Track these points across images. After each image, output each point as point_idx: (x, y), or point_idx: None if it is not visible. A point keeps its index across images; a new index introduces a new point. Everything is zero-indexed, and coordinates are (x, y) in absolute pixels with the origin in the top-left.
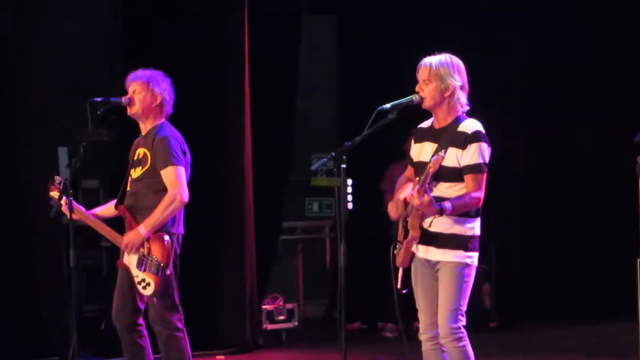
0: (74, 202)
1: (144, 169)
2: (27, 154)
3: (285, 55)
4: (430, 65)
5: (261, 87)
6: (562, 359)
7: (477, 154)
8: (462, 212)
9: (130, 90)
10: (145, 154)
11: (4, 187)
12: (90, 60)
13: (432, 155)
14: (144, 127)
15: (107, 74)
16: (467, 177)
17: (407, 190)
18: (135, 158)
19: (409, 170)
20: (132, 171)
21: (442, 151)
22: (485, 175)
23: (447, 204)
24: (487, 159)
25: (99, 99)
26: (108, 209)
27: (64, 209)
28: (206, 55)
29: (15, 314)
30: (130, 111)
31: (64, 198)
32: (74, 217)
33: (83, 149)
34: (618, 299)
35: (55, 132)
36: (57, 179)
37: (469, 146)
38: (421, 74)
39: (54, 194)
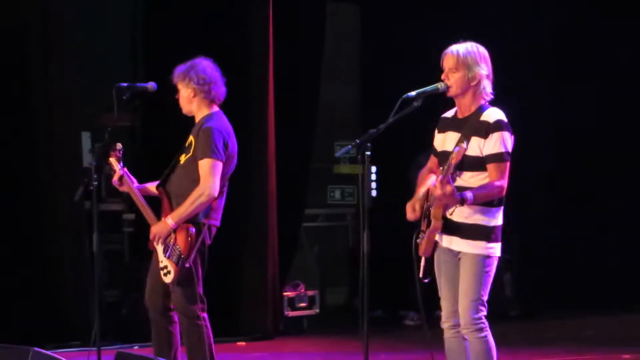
0: (127, 172)
1: (188, 156)
2: (50, 139)
3: (309, 43)
4: (458, 53)
5: (285, 75)
6: (582, 348)
7: (500, 143)
8: (484, 202)
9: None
10: (191, 141)
11: (28, 172)
12: (113, 46)
13: (455, 146)
14: (196, 117)
15: (129, 60)
16: (490, 166)
17: (429, 182)
18: (186, 145)
19: (432, 161)
20: (181, 156)
21: (465, 142)
22: (508, 164)
23: (469, 194)
24: (509, 148)
25: (125, 84)
26: (152, 187)
27: (116, 178)
28: (228, 40)
29: (37, 298)
30: (182, 110)
31: (118, 165)
32: (123, 189)
33: (107, 134)
34: None
35: (79, 117)
36: (119, 146)
37: (491, 135)
38: (447, 62)
39: (113, 160)
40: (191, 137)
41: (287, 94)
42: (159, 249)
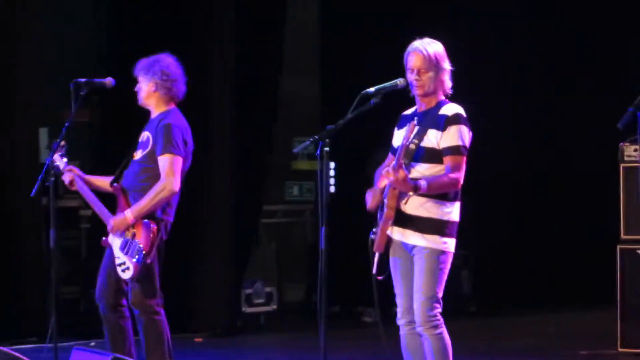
0: (77, 169)
1: (144, 152)
2: (8, 134)
3: (268, 34)
4: (427, 53)
5: (245, 67)
6: (541, 345)
7: (457, 136)
8: (439, 195)
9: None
10: (148, 137)
11: None
12: (75, 41)
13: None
14: (153, 112)
15: (88, 56)
16: (446, 159)
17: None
18: (140, 140)
19: (391, 159)
20: (134, 153)
21: (415, 119)
22: (464, 158)
23: (423, 182)
24: (467, 143)
25: (83, 80)
26: (101, 182)
27: (65, 176)
28: (187, 32)
29: None
30: (139, 102)
31: (63, 161)
32: (74, 188)
33: (65, 129)
34: (598, 286)
35: (37, 113)
36: (62, 143)
37: (448, 128)
38: (415, 62)
39: (57, 158)
40: (147, 133)
41: (246, 87)
42: (116, 244)
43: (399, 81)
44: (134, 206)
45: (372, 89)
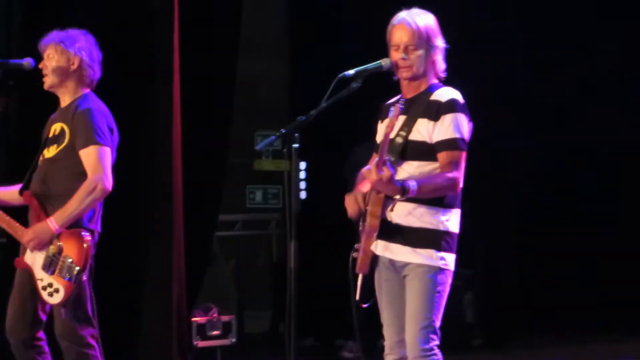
0: None
1: (60, 147)
2: None
3: (223, 7)
4: (416, 26)
5: (194, 48)
6: None
7: (453, 127)
8: (433, 200)
9: (44, 56)
10: (62, 129)
11: None
12: None
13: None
14: (63, 99)
15: (2, 33)
16: (441, 155)
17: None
18: (51, 135)
19: (375, 158)
20: (45, 151)
21: (400, 101)
22: (463, 153)
23: (412, 183)
24: (465, 135)
25: None
26: (10, 194)
27: None
28: (123, 8)
29: None
30: (46, 84)
31: None
32: None
33: None
34: (629, 315)
35: None
36: None
37: (442, 117)
38: (402, 37)
39: None
40: (61, 124)
41: (197, 72)
42: (37, 263)
43: (384, 62)
44: (59, 212)
45: (351, 71)
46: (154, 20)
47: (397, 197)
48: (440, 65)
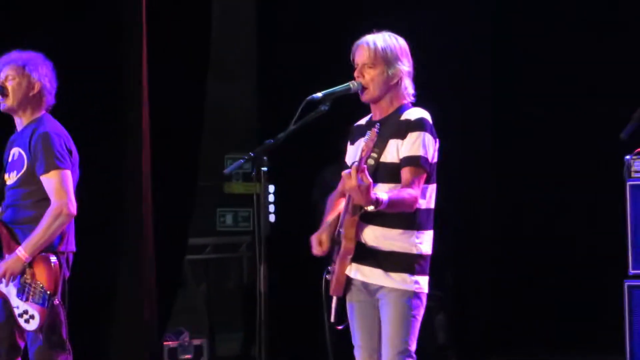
0: None
1: (20, 174)
2: None
3: (192, 29)
4: (375, 46)
5: (163, 71)
6: None
7: (418, 144)
8: (405, 221)
9: (1, 76)
10: (20, 154)
11: None
12: None
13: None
14: (20, 122)
15: None
16: (404, 170)
17: (340, 207)
18: (10, 160)
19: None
20: (5, 176)
21: (376, 125)
22: (424, 174)
23: (384, 195)
24: (430, 155)
25: None
26: None
27: None
28: (92, 31)
29: None
30: (4, 104)
31: None
32: None
33: None
34: (602, 330)
35: None
36: None
37: (409, 134)
38: (361, 57)
39: None
40: (17, 149)
41: (165, 95)
42: (12, 292)
43: (352, 84)
44: (26, 241)
45: (319, 94)
46: (122, 44)
47: (369, 208)
48: (407, 88)
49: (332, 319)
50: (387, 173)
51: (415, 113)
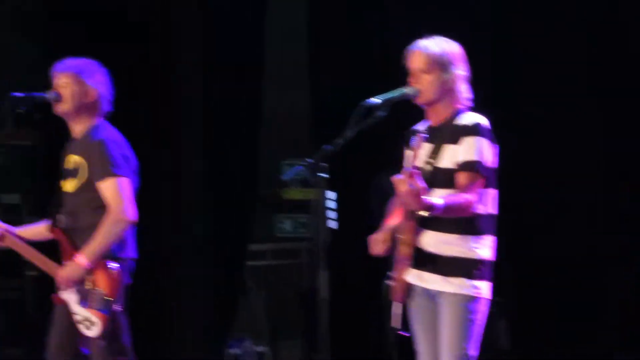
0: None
1: (78, 181)
2: None
3: (247, 40)
4: (430, 51)
5: (218, 79)
6: None
7: (474, 149)
8: (465, 226)
9: (57, 83)
10: (78, 162)
11: None
12: (7, 45)
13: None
14: (76, 129)
15: (24, 66)
16: (459, 176)
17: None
18: (67, 167)
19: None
20: (64, 183)
21: (423, 130)
22: (481, 179)
23: (438, 200)
24: (487, 160)
25: (20, 94)
26: (37, 229)
27: None
28: (146, 37)
29: None
30: (58, 109)
31: None
32: (5, 245)
33: (1, 155)
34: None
35: None
36: None
37: (464, 139)
38: (416, 62)
39: None
40: (76, 157)
41: (221, 102)
42: (72, 299)
43: (408, 89)
44: (87, 248)
45: (376, 99)
46: (179, 53)
47: (424, 213)
48: (463, 92)
49: (395, 325)
50: (444, 178)
51: (470, 118)
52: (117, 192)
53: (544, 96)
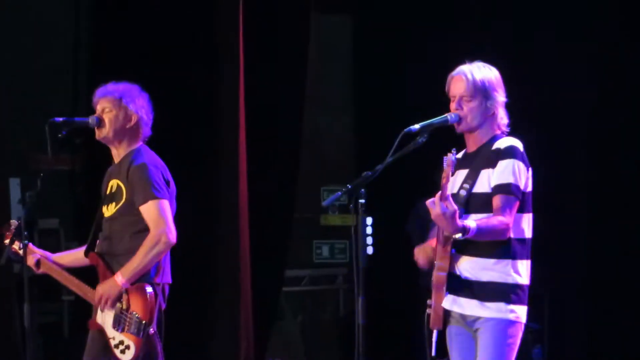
0: (32, 246)
1: (119, 205)
2: None
3: (288, 63)
4: (472, 77)
5: (260, 103)
6: None
7: (509, 172)
8: (500, 251)
9: (98, 108)
10: (119, 186)
11: None
12: (49, 75)
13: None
14: (117, 154)
15: (69, 91)
16: (495, 198)
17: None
18: (108, 192)
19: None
20: (104, 208)
21: (453, 151)
22: (516, 201)
23: (472, 223)
24: (522, 183)
25: (61, 119)
26: (75, 255)
27: (25, 258)
28: (188, 64)
29: None
30: (100, 134)
31: (18, 243)
32: (37, 270)
33: (41, 180)
34: None
35: (6, 160)
36: (13, 223)
37: (499, 163)
38: (458, 88)
39: (10, 242)
40: (116, 181)
41: (262, 126)
42: (107, 322)
43: (450, 116)
44: (125, 267)
45: (417, 126)
46: (220, 77)
47: (457, 236)
48: (502, 118)
49: (434, 352)
50: (480, 203)
51: (505, 142)
52: (158, 215)
53: None
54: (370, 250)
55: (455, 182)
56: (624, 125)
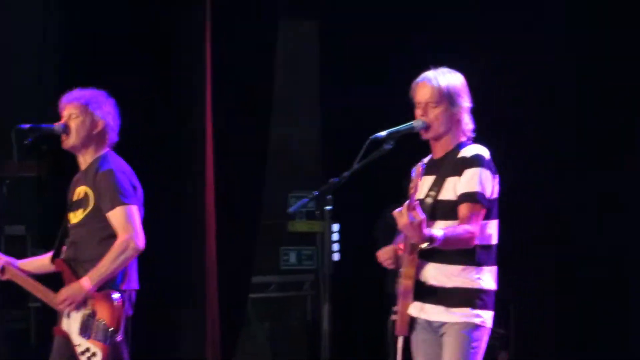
0: (2, 255)
1: (86, 212)
2: None
3: (255, 70)
4: (437, 83)
5: (226, 110)
6: None
7: (475, 181)
8: (465, 258)
9: (65, 114)
10: (86, 193)
11: None
12: (15, 79)
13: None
14: (84, 160)
15: (35, 96)
16: (461, 207)
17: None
18: (75, 199)
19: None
20: (70, 215)
21: (422, 161)
22: (482, 210)
23: (439, 232)
24: (487, 191)
25: (27, 126)
26: (41, 262)
27: None
28: (157, 74)
29: None
30: (66, 142)
31: None
32: (2, 277)
33: (7, 187)
34: None
35: None
36: None
37: (465, 171)
38: (423, 95)
39: None
40: (84, 188)
41: (229, 133)
42: (73, 329)
43: (416, 123)
44: (92, 271)
45: (383, 133)
46: (187, 83)
47: (424, 245)
48: (467, 124)
49: (399, 359)
50: (445, 211)
51: (471, 150)
52: (126, 220)
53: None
54: (337, 256)
55: (421, 189)
56: (596, 130)
